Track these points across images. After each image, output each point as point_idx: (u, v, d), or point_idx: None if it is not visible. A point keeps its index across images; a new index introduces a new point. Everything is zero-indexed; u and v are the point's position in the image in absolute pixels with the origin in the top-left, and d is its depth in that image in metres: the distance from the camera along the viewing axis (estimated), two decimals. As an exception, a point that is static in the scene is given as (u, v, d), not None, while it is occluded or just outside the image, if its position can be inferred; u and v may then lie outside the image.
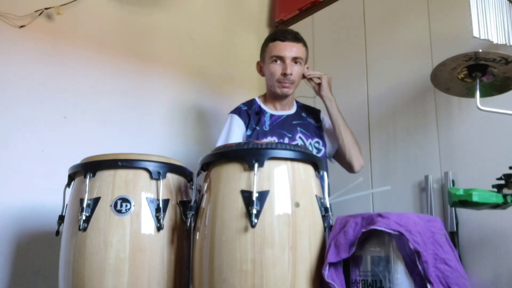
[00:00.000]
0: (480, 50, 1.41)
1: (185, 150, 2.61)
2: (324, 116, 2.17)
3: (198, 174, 1.38)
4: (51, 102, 2.23)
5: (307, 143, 2.05)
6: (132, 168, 1.39)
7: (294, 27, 2.99)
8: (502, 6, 1.54)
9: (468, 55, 1.43)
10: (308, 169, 1.32)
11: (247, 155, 1.24)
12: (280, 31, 2.11)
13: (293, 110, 2.12)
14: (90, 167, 1.39)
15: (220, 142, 2.01)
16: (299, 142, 2.03)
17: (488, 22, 1.46)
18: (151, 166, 1.39)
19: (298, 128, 2.07)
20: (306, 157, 1.31)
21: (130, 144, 2.42)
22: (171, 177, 1.45)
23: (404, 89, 2.31)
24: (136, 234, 1.33)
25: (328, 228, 1.29)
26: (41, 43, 2.25)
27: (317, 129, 2.11)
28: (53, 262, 1.48)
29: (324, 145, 2.09)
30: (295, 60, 2.00)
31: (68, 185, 1.49)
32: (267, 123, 2.03)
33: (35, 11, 2.23)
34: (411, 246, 1.11)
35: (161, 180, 1.39)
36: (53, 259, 1.52)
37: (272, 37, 2.05)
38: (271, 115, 2.06)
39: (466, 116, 2.05)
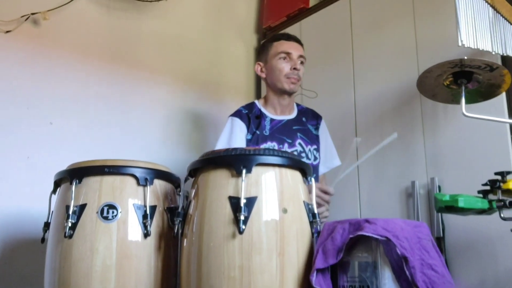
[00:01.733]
0: (466, 57, 1.43)
1: (172, 156, 2.60)
2: (323, 126, 2.18)
3: (186, 180, 1.37)
4: (37, 108, 2.21)
5: (307, 149, 2.05)
6: (119, 174, 1.38)
7: (282, 34, 3.01)
8: (487, 13, 1.56)
9: (453, 62, 1.44)
10: (296, 175, 1.32)
11: (235, 161, 1.24)
12: (281, 33, 2.14)
13: (293, 114, 2.12)
14: (76, 174, 1.38)
15: (220, 146, 1.98)
16: (299, 148, 2.03)
17: (473, 29, 1.48)
18: (138, 172, 1.39)
19: (298, 134, 2.07)
20: (293, 163, 1.31)
21: (117, 150, 2.41)
22: (159, 183, 1.44)
23: (390, 95, 2.33)
24: (123, 241, 1.32)
25: (315, 234, 1.29)
26: (27, 48, 2.24)
27: (315, 138, 2.12)
28: (39, 269, 1.46)
29: (319, 155, 2.10)
30: (300, 58, 2.05)
31: (54, 191, 1.48)
32: (267, 127, 2.03)
33: (22, 16, 2.22)
34: (398, 252, 1.12)
35: (148, 187, 1.38)
36: (38, 266, 1.50)
37: (276, 37, 2.09)
38: (271, 119, 2.06)
39: (452, 122, 2.06)
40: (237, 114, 2.07)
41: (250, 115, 2.04)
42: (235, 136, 1.99)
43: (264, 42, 2.13)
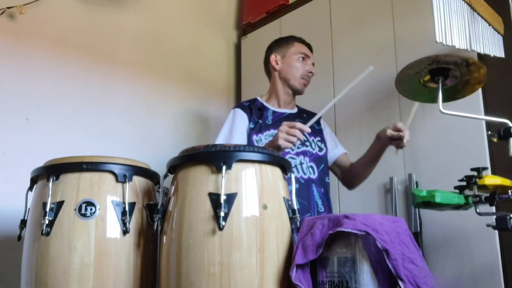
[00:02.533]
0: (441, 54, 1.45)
1: (151, 152, 2.58)
2: (324, 122, 2.23)
3: (165, 176, 1.36)
4: (12, 104, 2.17)
5: (311, 140, 2.08)
6: (97, 171, 1.36)
7: (262, 30, 3.01)
8: (464, 12, 1.58)
9: (430, 58, 1.46)
10: (276, 171, 1.32)
11: (215, 157, 1.24)
12: (302, 39, 2.21)
13: (295, 110, 2.18)
14: (53, 170, 1.36)
15: (222, 136, 2.02)
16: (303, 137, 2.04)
17: (450, 27, 1.50)
18: (116, 169, 1.37)
19: None
20: (273, 160, 1.31)
21: (95, 147, 2.38)
22: (138, 180, 1.43)
23: (369, 91, 2.35)
24: (101, 238, 1.30)
25: (295, 230, 1.30)
26: (2, 43, 2.19)
27: (318, 131, 2.15)
28: (15, 267, 1.44)
29: (326, 146, 2.12)
30: (313, 65, 2.15)
31: (31, 188, 1.46)
32: (270, 117, 2.07)
33: (-4, 10, 2.18)
34: (379, 245, 1.13)
35: (127, 183, 1.37)
36: (15, 265, 1.47)
37: (298, 39, 2.19)
38: (274, 111, 2.10)
39: (429, 119, 2.09)
40: (239, 105, 2.12)
41: (252, 106, 2.09)
42: (236, 125, 2.02)
43: (281, 39, 2.21)
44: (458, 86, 1.58)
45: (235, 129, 2.01)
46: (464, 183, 1.45)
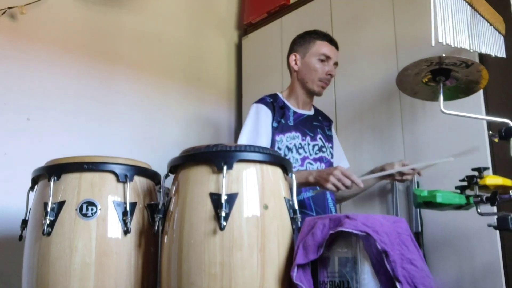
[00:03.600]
0: (443, 55, 1.45)
1: (153, 152, 2.59)
2: (334, 130, 2.23)
3: (166, 176, 1.36)
4: (13, 104, 2.18)
5: (326, 146, 2.09)
6: (98, 171, 1.36)
7: (263, 30, 3.01)
8: (465, 12, 1.58)
9: (430, 59, 1.46)
10: (277, 171, 1.32)
11: (216, 157, 1.24)
12: (325, 34, 2.11)
13: (312, 111, 2.15)
14: (54, 170, 1.36)
15: (246, 133, 1.95)
16: (320, 143, 2.06)
17: (450, 27, 1.49)
18: (117, 169, 1.37)
19: (318, 130, 2.10)
20: (274, 160, 1.32)
21: (96, 147, 2.38)
22: (139, 180, 1.43)
23: (370, 91, 2.35)
24: (102, 238, 1.31)
25: (296, 230, 1.30)
26: (4, 43, 2.20)
27: (330, 137, 2.15)
28: (16, 267, 1.44)
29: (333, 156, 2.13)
30: (335, 64, 2.08)
31: (32, 188, 1.46)
32: (291, 118, 2.03)
33: (-2, 10, 2.18)
34: (379, 246, 1.13)
35: (128, 183, 1.37)
36: (16, 265, 1.48)
37: (320, 36, 2.07)
38: (294, 112, 2.06)
39: (430, 119, 2.09)
40: (263, 101, 2.03)
41: (275, 104, 2.02)
42: (262, 122, 1.96)
43: (304, 35, 2.11)
44: (461, 85, 1.58)
45: (261, 127, 1.95)
46: (465, 183, 1.45)
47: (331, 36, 2.12)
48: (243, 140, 1.92)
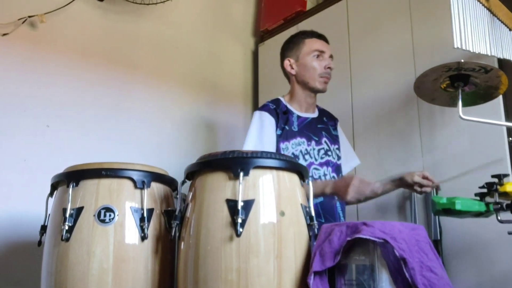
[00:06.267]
0: (462, 61, 1.43)
1: (169, 159, 2.60)
2: (340, 129, 2.18)
3: (183, 183, 1.37)
4: (33, 111, 2.21)
5: (331, 148, 2.05)
6: (116, 177, 1.37)
7: (279, 37, 3.02)
8: (484, 17, 1.56)
9: (448, 65, 1.44)
10: (293, 177, 1.32)
11: (233, 164, 1.24)
12: (311, 31, 2.09)
13: (316, 113, 2.11)
14: (73, 176, 1.37)
15: (250, 141, 1.91)
16: (325, 146, 2.03)
17: (469, 32, 1.48)
18: (135, 175, 1.38)
19: (323, 132, 2.06)
20: (291, 166, 1.31)
21: (113, 153, 2.41)
22: (156, 186, 1.44)
23: (387, 97, 2.33)
24: (120, 244, 1.31)
25: (313, 236, 1.29)
26: (24, 51, 2.23)
27: (335, 137, 2.12)
28: (35, 273, 1.45)
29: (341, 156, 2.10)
30: (331, 57, 2.04)
31: (51, 194, 1.48)
32: (295, 123, 2.00)
33: (19, 19, 2.22)
34: (397, 253, 1.12)
35: (146, 189, 1.38)
36: (34, 270, 1.49)
37: (306, 34, 2.06)
38: (298, 116, 2.03)
39: (449, 125, 2.07)
40: (266, 108, 2.00)
41: (278, 110, 1.99)
42: (265, 130, 1.93)
43: (291, 38, 2.09)
44: (479, 91, 1.56)
45: (265, 136, 1.92)
46: (485, 190, 1.43)
47: (317, 32, 2.09)
48: (247, 149, 1.89)
